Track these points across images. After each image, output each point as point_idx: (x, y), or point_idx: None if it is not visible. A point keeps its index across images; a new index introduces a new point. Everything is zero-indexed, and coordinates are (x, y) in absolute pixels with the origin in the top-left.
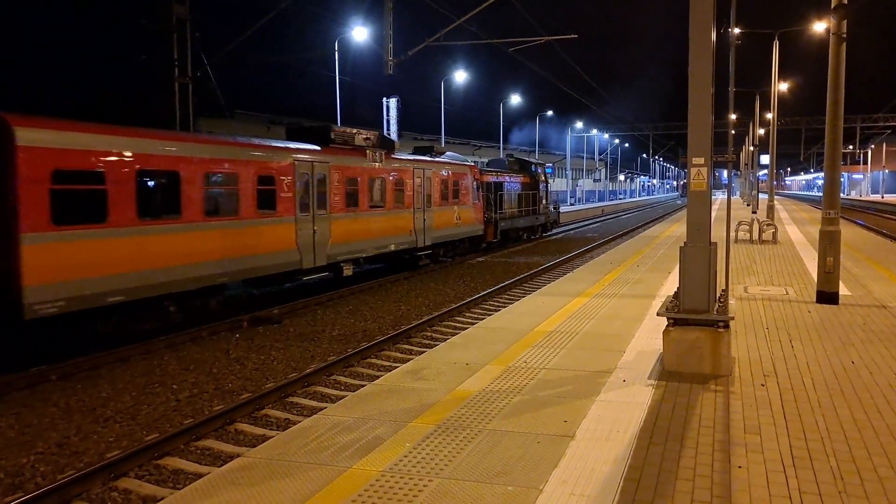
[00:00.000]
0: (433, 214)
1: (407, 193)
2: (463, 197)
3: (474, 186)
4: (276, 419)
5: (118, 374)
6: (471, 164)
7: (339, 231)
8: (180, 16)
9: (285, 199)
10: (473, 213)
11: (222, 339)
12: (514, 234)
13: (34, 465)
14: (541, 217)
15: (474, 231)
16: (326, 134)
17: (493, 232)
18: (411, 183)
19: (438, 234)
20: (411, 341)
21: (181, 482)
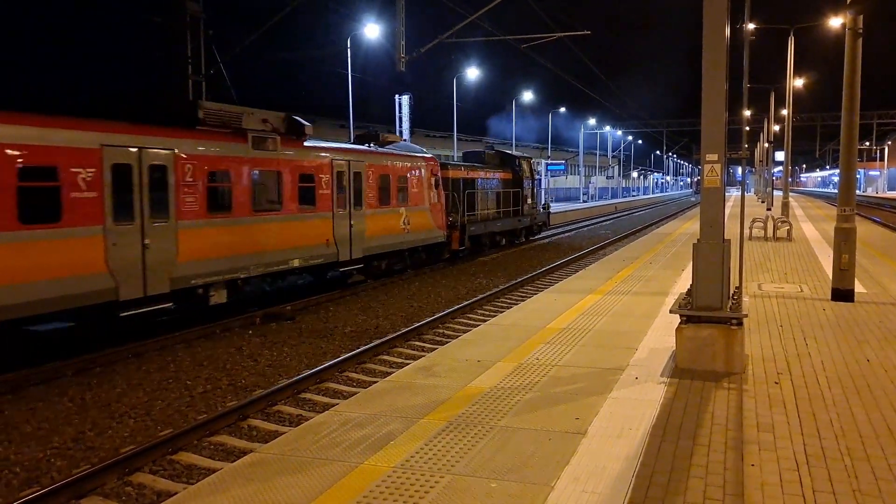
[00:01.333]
0: (366, 219)
1: (322, 192)
2: (415, 197)
3: (432, 184)
4: (288, 415)
5: (133, 369)
6: (427, 157)
7: (194, 244)
8: (194, 13)
9: (81, 201)
10: (430, 216)
11: (235, 336)
12: (488, 239)
13: (50, 460)
14: (525, 219)
15: (432, 238)
16: (182, 109)
17: (460, 238)
18: (329, 179)
19: (375, 244)
20: (423, 338)
21: (194, 477)
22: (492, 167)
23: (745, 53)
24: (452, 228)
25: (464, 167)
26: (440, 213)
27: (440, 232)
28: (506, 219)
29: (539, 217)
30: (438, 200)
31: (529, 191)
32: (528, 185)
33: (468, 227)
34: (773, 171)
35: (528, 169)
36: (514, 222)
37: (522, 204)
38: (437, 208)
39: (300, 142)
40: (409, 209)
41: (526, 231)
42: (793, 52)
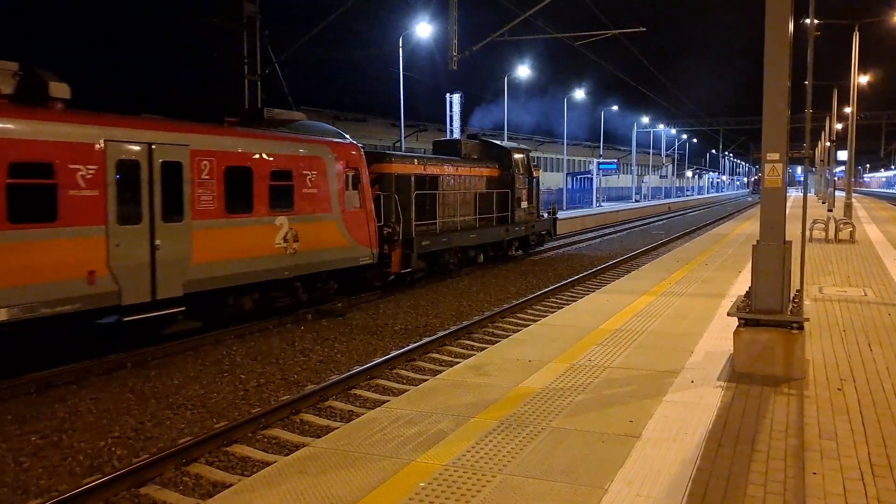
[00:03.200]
0: (193, 235)
1: (72, 195)
2: (310, 201)
3: (348, 182)
4: (339, 410)
5: (189, 362)
6: (340, 143)
7: None
8: (250, 14)
9: None
10: (344, 228)
11: (288, 332)
12: (457, 256)
13: (111, 449)
14: (517, 228)
15: (348, 259)
16: None
17: (403, 258)
18: (97, 177)
19: (216, 273)
20: (472, 337)
21: (249, 469)
22: (468, 161)
23: (809, 49)
24: (392, 244)
25: (416, 160)
26: (364, 224)
27: (365, 250)
28: (486, 228)
29: (540, 225)
30: (362, 206)
31: (525, 192)
32: (525, 184)
33: (419, 242)
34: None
35: (522, 164)
36: (498, 232)
37: (513, 208)
38: (359, 217)
39: (40, 111)
40: (296, 218)
41: (520, 243)
42: (857, 48)
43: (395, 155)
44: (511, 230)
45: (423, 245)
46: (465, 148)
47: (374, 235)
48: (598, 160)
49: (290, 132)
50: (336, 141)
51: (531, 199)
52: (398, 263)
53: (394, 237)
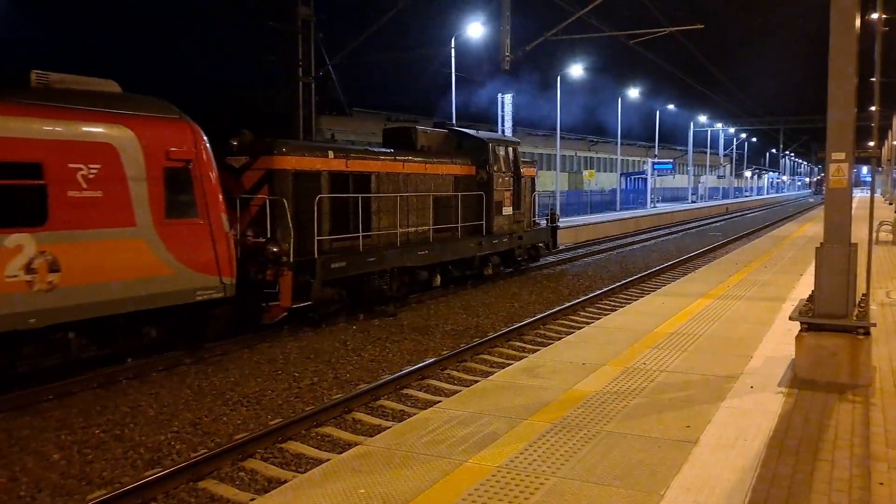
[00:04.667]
0: None
1: None
2: (80, 210)
3: (172, 180)
4: (391, 410)
5: (245, 360)
6: (151, 120)
7: None
8: (305, 17)
9: None
10: (159, 249)
11: (340, 331)
12: (390, 281)
13: (170, 443)
14: (496, 240)
15: (171, 294)
16: None
17: (296, 286)
18: None
19: None
20: (524, 338)
21: (303, 466)
22: (424, 156)
23: (876, 44)
24: (278, 268)
25: (332, 152)
26: (205, 242)
27: (208, 279)
28: (446, 243)
29: (531, 236)
30: (203, 215)
31: (509, 195)
32: (509, 185)
33: (324, 265)
34: None
35: (505, 161)
36: (465, 247)
37: (490, 216)
38: (195, 232)
39: None
40: (53, 237)
41: (503, 258)
42: None
43: (291, 144)
44: (486, 243)
45: (335, 268)
46: (421, 139)
47: (229, 257)
48: (652, 160)
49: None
50: (144, 117)
51: (518, 203)
52: (289, 295)
53: (280, 258)
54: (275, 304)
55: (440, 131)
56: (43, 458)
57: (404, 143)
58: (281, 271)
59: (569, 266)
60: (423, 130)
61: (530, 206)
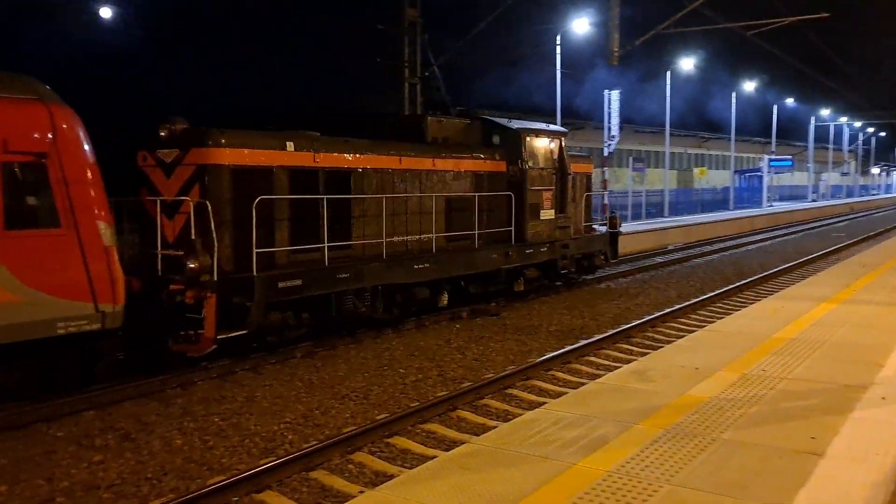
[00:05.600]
0: None
1: None
2: None
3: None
4: (495, 409)
5: (353, 355)
6: None
7: None
8: (412, 19)
9: None
10: None
11: (444, 329)
12: (370, 302)
13: (283, 433)
14: (530, 250)
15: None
16: None
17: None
18: None
19: None
20: (632, 341)
21: (408, 461)
22: (435, 150)
23: None
24: (199, 288)
25: (294, 143)
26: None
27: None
28: (456, 254)
29: (580, 244)
30: (67, 224)
31: (550, 196)
32: (551, 184)
33: (265, 284)
34: None
35: (545, 155)
36: (484, 258)
37: (522, 221)
38: (54, 245)
39: None
40: None
41: (544, 270)
42: None
43: (230, 133)
44: (515, 254)
45: (285, 287)
46: (432, 129)
47: (110, 278)
48: (769, 157)
49: None
50: None
51: (563, 206)
52: (212, 323)
53: (197, 277)
54: (190, 335)
55: (459, 121)
56: (168, 443)
57: (411, 135)
58: (200, 293)
59: (679, 267)
60: (437, 119)
61: (584, 209)
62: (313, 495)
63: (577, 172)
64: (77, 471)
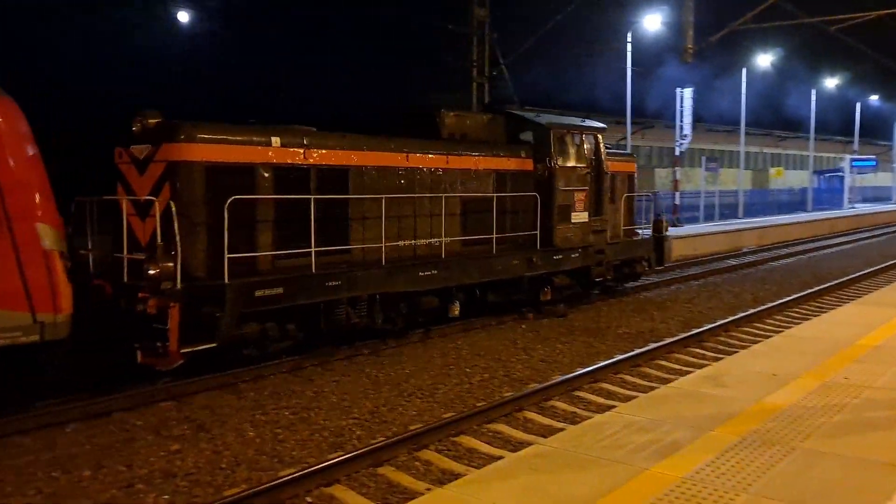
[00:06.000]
0: None
1: None
2: None
3: None
4: (562, 411)
5: (419, 353)
6: None
7: None
8: (480, 18)
9: None
10: None
11: (509, 329)
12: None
13: (351, 429)
14: (563, 256)
15: None
16: None
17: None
18: None
19: None
20: (704, 345)
21: (475, 460)
22: (450, 146)
23: None
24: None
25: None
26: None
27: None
28: (475, 261)
29: (620, 250)
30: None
31: (584, 196)
32: (586, 183)
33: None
34: None
35: (578, 152)
36: (508, 264)
37: (550, 224)
38: None
39: None
40: None
41: (579, 277)
42: None
43: (206, 127)
44: (540, 260)
45: (263, 297)
46: (448, 124)
47: (50, 284)
48: (851, 156)
49: None
50: None
51: (599, 207)
52: (176, 335)
53: (157, 283)
54: (158, 348)
55: (482, 116)
56: (240, 435)
57: (425, 131)
58: (165, 302)
59: (753, 270)
60: (454, 114)
61: (625, 211)
62: (381, 491)
63: (618, 172)
64: (155, 458)
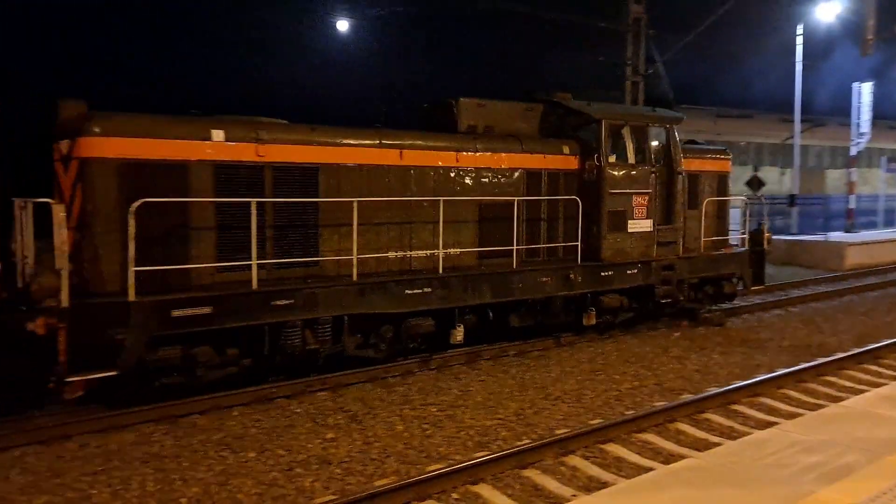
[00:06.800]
0: None
1: None
2: None
3: None
4: (718, 425)
5: (565, 358)
6: None
7: None
8: (636, 15)
9: None
10: None
11: (661, 337)
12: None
13: (496, 429)
14: (614, 272)
15: None
16: None
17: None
18: None
19: None
20: (881, 363)
21: (623, 469)
22: (466, 139)
23: None
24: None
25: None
26: None
27: None
28: (488, 277)
29: (702, 264)
30: None
31: (649, 201)
32: (654, 186)
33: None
34: None
35: (641, 148)
36: (534, 281)
37: (597, 232)
38: None
39: None
40: None
41: (640, 297)
42: None
43: (120, 118)
44: (582, 277)
45: (182, 317)
46: (466, 115)
47: None
48: None
49: None
50: None
51: (669, 214)
52: (64, 361)
53: (39, 301)
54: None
55: (514, 104)
56: (390, 428)
57: (442, 124)
58: (49, 322)
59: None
60: (476, 103)
61: (712, 219)
62: (526, 493)
63: (702, 172)
64: (312, 445)
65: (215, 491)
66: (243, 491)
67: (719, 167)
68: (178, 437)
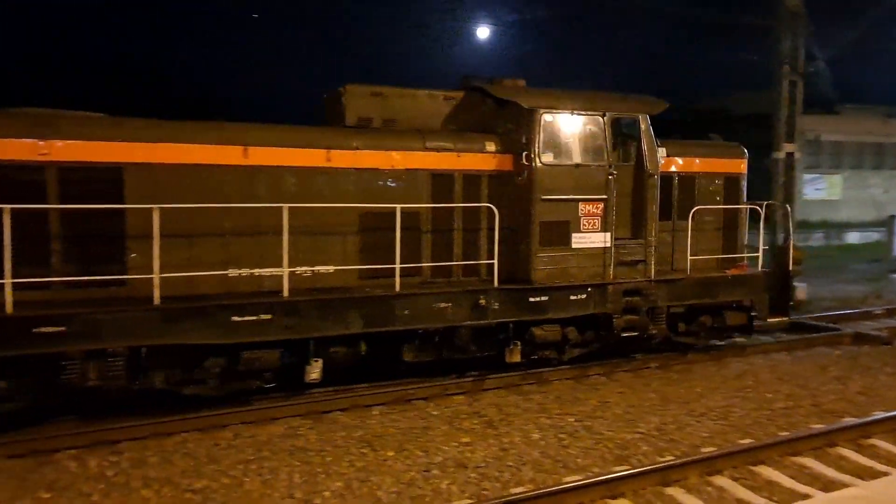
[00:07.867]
0: None
1: None
2: None
3: None
4: (886, 453)
5: (711, 372)
6: None
7: None
8: (793, 9)
9: None
10: None
11: (819, 355)
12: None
13: (636, 443)
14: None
15: None
16: None
17: None
18: None
19: None
20: None
21: (776, 495)
22: (329, 136)
23: None
24: None
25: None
26: None
27: None
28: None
29: (687, 291)
30: None
31: (600, 209)
32: (608, 188)
33: None
34: None
35: (593, 143)
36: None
37: (528, 246)
38: None
39: None
40: None
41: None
42: None
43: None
44: (500, 303)
45: None
46: (355, 106)
47: None
48: None
49: None
50: None
51: (638, 226)
52: None
53: None
54: None
55: (415, 92)
56: (525, 436)
57: (331, 117)
58: None
59: None
60: (370, 92)
61: (708, 232)
62: None
63: (698, 173)
64: (448, 448)
65: (356, 486)
66: (383, 489)
67: (727, 167)
68: (321, 433)
